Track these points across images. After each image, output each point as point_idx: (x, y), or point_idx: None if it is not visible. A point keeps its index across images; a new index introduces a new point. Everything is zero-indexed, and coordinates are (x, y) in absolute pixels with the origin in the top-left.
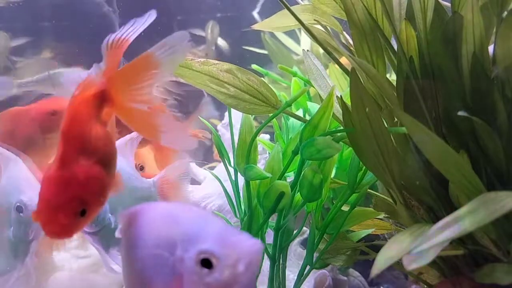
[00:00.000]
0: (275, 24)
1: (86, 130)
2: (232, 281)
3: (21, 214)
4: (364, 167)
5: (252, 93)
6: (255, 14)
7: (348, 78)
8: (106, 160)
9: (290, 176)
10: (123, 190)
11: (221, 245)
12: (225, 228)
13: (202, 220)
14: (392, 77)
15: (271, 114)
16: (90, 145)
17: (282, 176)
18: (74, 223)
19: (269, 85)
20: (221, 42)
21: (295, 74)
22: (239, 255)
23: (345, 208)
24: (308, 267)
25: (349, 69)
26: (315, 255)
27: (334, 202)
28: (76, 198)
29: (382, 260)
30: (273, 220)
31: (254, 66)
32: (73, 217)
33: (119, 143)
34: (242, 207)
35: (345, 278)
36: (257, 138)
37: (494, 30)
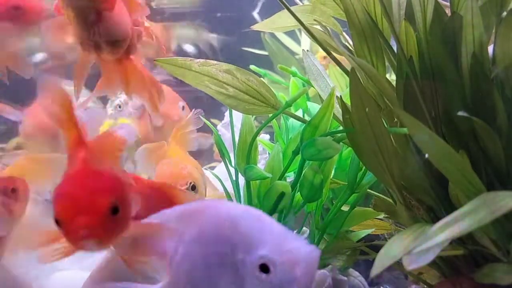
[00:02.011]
0: (275, 25)
1: None
2: (289, 286)
3: None
4: (364, 167)
5: (252, 94)
6: (255, 14)
7: (348, 78)
8: None
9: (290, 176)
10: None
11: (279, 251)
12: (284, 232)
13: (260, 222)
14: (392, 77)
15: (271, 114)
16: None
17: (282, 176)
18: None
19: (269, 86)
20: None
21: (294, 74)
22: (296, 262)
23: (345, 208)
24: None
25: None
26: None
27: (334, 202)
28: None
29: (382, 260)
30: None
31: (252, 67)
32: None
33: None
34: None
35: (345, 278)
36: (257, 138)
37: (494, 30)
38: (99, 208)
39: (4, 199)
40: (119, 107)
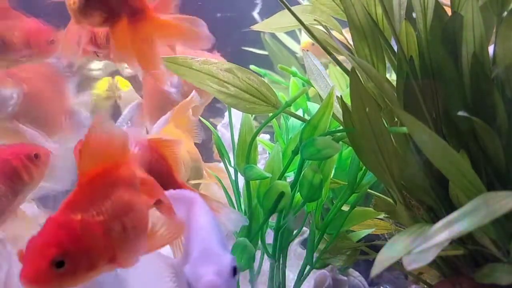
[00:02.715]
0: (275, 25)
1: None
2: None
3: None
4: (364, 167)
5: (252, 93)
6: (255, 14)
7: (348, 78)
8: None
9: (290, 176)
10: None
11: (192, 272)
12: (205, 251)
13: (200, 235)
14: (392, 77)
15: (271, 114)
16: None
17: (282, 176)
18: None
19: (269, 85)
20: None
21: (295, 74)
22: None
23: (345, 208)
24: (308, 267)
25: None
26: (315, 255)
27: (334, 202)
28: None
29: (382, 260)
30: (273, 220)
31: (252, 67)
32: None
33: None
34: (242, 207)
35: (345, 278)
36: (257, 138)
37: (494, 30)
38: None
39: (27, 163)
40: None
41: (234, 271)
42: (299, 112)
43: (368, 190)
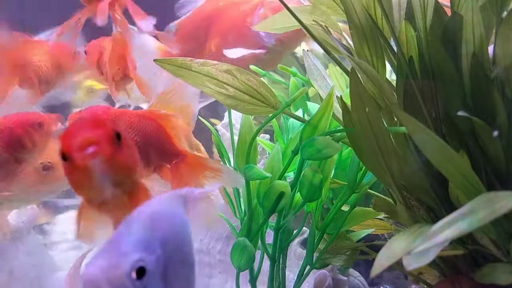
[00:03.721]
0: (275, 25)
1: None
2: None
3: None
4: (364, 167)
5: (252, 94)
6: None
7: (348, 78)
8: None
9: (290, 176)
10: None
11: (87, 262)
12: (111, 244)
13: (123, 227)
14: (392, 77)
15: (271, 114)
16: None
17: (282, 176)
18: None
19: (269, 86)
20: None
21: (295, 74)
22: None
23: (345, 208)
24: (308, 267)
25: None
26: (315, 255)
27: (334, 202)
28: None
29: (382, 260)
30: (273, 220)
31: (252, 67)
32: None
33: None
34: (242, 207)
35: (345, 278)
36: (257, 138)
37: (494, 30)
38: (103, 132)
39: (31, 131)
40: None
41: (140, 273)
42: (299, 112)
43: (368, 190)
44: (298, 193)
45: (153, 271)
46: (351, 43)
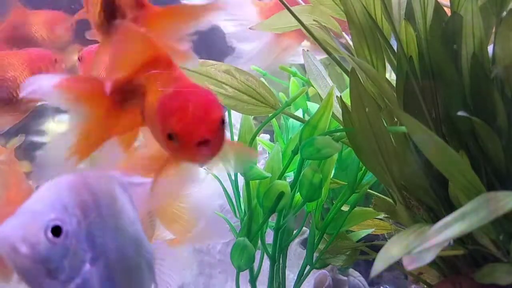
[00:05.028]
0: (275, 25)
1: None
2: None
3: None
4: (364, 167)
5: (251, 94)
6: None
7: (348, 78)
8: None
9: (290, 176)
10: None
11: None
12: (19, 210)
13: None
14: (392, 77)
15: (271, 114)
16: None
17: (282, 176)
18: None
19: (268, 86)
20: None
21: (294, 74)
22: None
23: (345, 208)
24: (308, 267)
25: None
26: (315, 255)
27: (334, 202)
28: None
29: (382, 260)
30: (273, 220)
31: (252, 67)
32: None
33: None
34: (242, 207)
35: (345, 278)
36: (257, 138)
37: (494, 30)
38: (214, 121)
39: (49, 66)
40: None
41: (56, 231)
42: (299, 112)
43: (368, 190)
44: (298, 193)
45: (74, 232)
46: (351, 43)
